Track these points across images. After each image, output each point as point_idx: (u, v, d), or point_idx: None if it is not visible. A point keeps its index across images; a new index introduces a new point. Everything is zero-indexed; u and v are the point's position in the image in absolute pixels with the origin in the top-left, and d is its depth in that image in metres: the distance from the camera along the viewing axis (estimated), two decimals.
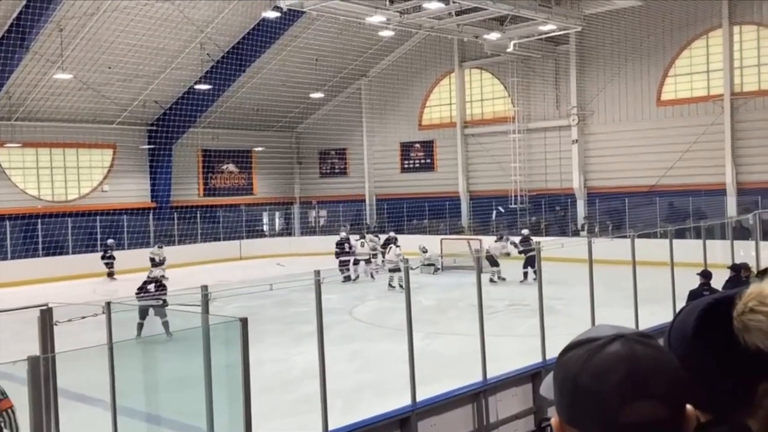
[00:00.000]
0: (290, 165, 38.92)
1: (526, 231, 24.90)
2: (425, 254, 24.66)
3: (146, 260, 25.33)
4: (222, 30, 28.46)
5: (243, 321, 5.87)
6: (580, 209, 30.50)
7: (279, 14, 26.58)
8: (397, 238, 25.87)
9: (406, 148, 35.96)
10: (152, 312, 14.26)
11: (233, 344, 5.97)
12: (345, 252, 24.89)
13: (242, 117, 34.25)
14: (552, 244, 19.84)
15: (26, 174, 30.28)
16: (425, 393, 8.30)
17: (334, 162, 38.70)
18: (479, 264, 10.00)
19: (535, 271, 20.76)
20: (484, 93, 33.67)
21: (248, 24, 28.93)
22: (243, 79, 31.31)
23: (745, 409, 1.17)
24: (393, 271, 21.60)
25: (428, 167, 35.31)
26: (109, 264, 27.05)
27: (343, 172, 38.31)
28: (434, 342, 13.72)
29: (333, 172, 38.72)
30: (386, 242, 25.81)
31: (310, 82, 32.94)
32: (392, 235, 26.52)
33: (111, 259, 27.11)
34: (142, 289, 15.33)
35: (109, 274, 26.80)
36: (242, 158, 36.67)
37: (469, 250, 23.59)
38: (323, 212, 37.40)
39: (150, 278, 15.76)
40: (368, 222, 35.59)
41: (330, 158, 38.74)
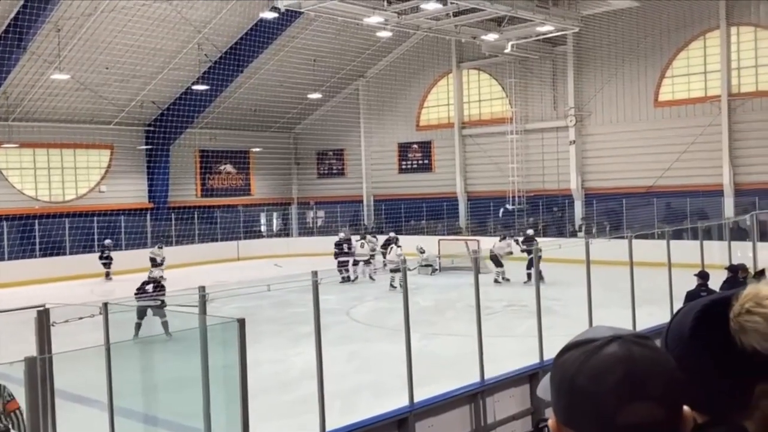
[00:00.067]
0: (288, 166, 38.90)
1: (531, 231, 24.64)
2: (423, 255, 24.66)
3: (143, 261, 25.34)
4: (219, 30, 28.44)
5: (240, 322, 5.87)
6: (578, 210, 30.50)
7: (277, 15, 26.58)
8: (398, 238, 25.84)
9: (404, 149, 35.96)
10: (150, 312, 14.25)
11: (231, 345, 5.97)
12: (344, 252, 24.87)
13: (240, 117, 34.23)
14: (549, 245, 19.87)
15: (23, 174, 30.24)
16: (423, 394, 8.30)
17: (332, 163, 38.69)
18: (477, 265, 10.01)
19: (540, 272, 20.92)
20: (482, 94, 33.68)
21: (246, 24, 28.91)
22: (240, 80, 31.29)
23: (742, 411, 1.17)
24: (394, 272, 21.56)
25: (426, 168, 35.32)
26: (107, 264, 27.04)
27: (341, 173, 38.30)
28: (432, 343, 13.71)
29: (331, 173, 38.71)
30: (387, 242, 25.79)
31: (308, 83, 32.91)
32: (393, 235, 26.49)
33: (108, 260, 27.11)
34: (141, 290, 15.33)
35: (106, 275, 26.80)
36: (240, 159, 36.65)
37: (467, 251, 23.61)
38: (321, 213, 37.39)
39: (149, 278, 15.79)
40: (366, 223, 35.58)
41: (328, 159, 38.73)
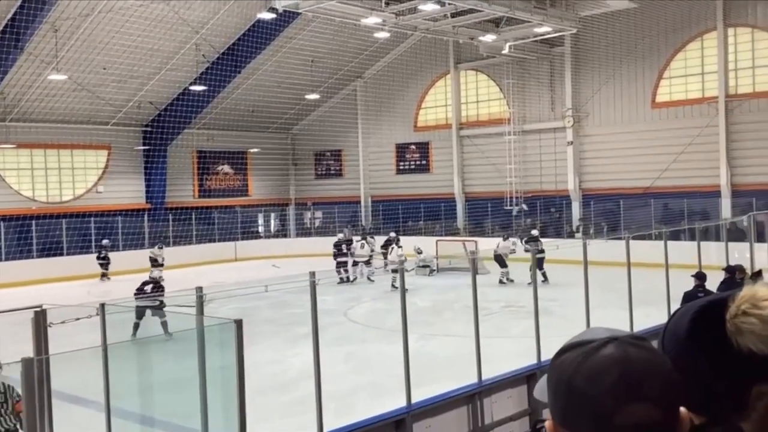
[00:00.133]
0: (285, 166, 38.87)
1: (536, 231, 24.46)
2: (420, 256, 24.67)
3: (141, 261, 25.34)
4: (217, 31, 28.42)
5: (238, 322, 5.86)
6: (575, 211, 30.51)
7: (274, 15, 26.56)
8: (399, 239, 25.85)
9: (402, 150, 35.96)
10: (149, 313, 14.25)
11: (228, 346, 5.96)
12: (343, 253, 24.88)
13: (237, 118, 34.19)
14: (547, 246, 19.95)
15: (21, 175, 30.20)
16: (420, 394, 8.30)
17: (330, 163, 38.68)
18: (474, 265, 10.02)
19: (543, 273, 20.99)
20: (480, 94, 33.69)
21: (243, 25, 28.89)
22: (238, 81, 31.27)
23: (739, 412, 1.17)
24: (396, 272, 21.50)
25: (424, 169, 35.32)
26: (104, 265, 27.00)
27: (339, 174, 38.29)
28: (429, 343, 13.71)
29: (328, 174, 38.70)
30: (387, 242, 25.80)
31: (306, 84, 32.90)
32: (393, 235, 26.51)
33: (106, 260, 27.07)
34: (141, 290, 15.34)
35: (102, 275, 26.75)
36: (237, 159, 36.63)
37: (465, 252, 23.63)
38: (318, 214, 37.37)
39: (149, 278, 15.81)
40: (363, 223, 35.59)
41: (325, 159, 38.72)
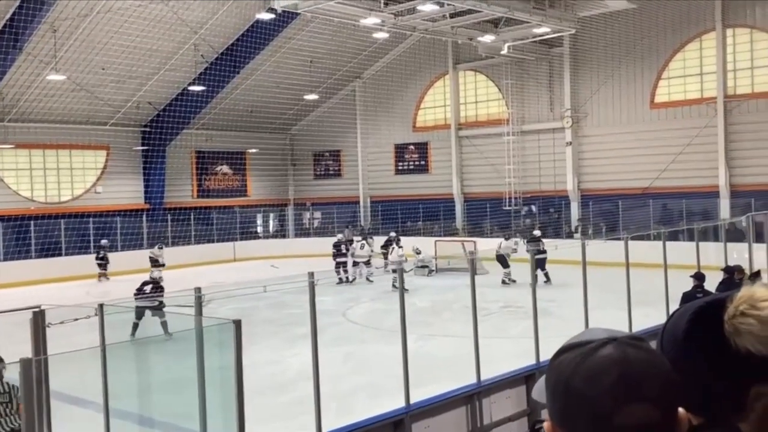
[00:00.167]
0: (284, 167, 38.87)
1: (538, 232, 24.46)
2: (419, 256, 24.67)
3: (139, 262, 25.34)
4: (216, 31, 28.41)
5: (236, 323, 5.86)
6: (574, 211, 30.52)
7: (273, 16, 26.57)
8: (400, 239, 25.84)
9: (401, 150, 35.96)
10: (149, 313, 14.24)
11: (227, 346, 5.96)
12: (342, 254, 24.88)
13: (236, 118, 34.19)
14: (546, 246, 19.96)
15: (19, 175, 30.18)
16: (419, 395, 8.30)
17: (329, 164, 38.68)
18: (473, 266, 10.02)
19: (546, 274, 21.04)
20: (479, 95, 33.70)
21: (242, 25, 28.89)
22: (237, 81, 31.26)
23: (737, 412, 1.17)
24: (396, 272, 21.49)
25: (422, 169, 35.32)
26: (103, 265, 26.97)
27: (338, 174, 38.29)
28: (428, 344, 13.69)
29: (327, 174, 38.70)
30: (387, 242, 25.79)
31: (305, 84, 32.90)
32: (393, 235, 26.51)
33: (105, 260, 27.05)
34: (140, 290, 15.34)
35: (100, 276, 26.72)
36: (236, 160, 36.62)
37: (464, 252, 23.61)
38: (317, 214, 37.37)
39: (149, 279, 15.81)
40: (362, 224, 35.59)
41: (324, 160, 38.72)
